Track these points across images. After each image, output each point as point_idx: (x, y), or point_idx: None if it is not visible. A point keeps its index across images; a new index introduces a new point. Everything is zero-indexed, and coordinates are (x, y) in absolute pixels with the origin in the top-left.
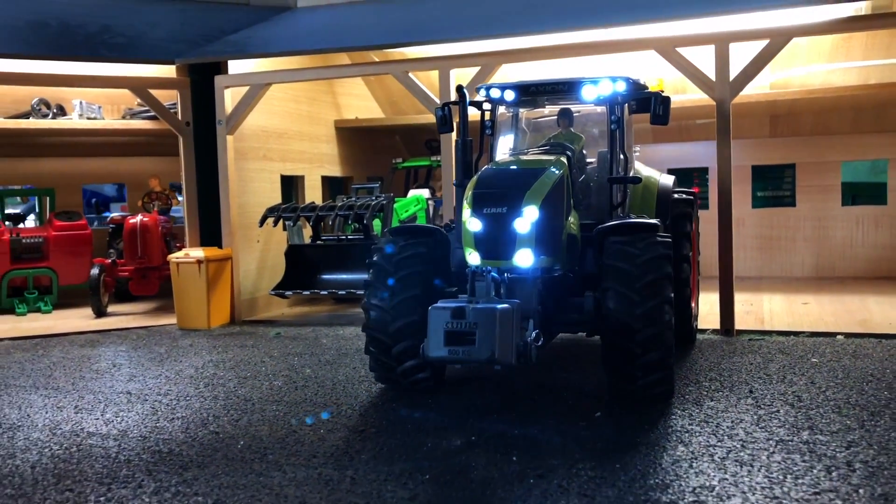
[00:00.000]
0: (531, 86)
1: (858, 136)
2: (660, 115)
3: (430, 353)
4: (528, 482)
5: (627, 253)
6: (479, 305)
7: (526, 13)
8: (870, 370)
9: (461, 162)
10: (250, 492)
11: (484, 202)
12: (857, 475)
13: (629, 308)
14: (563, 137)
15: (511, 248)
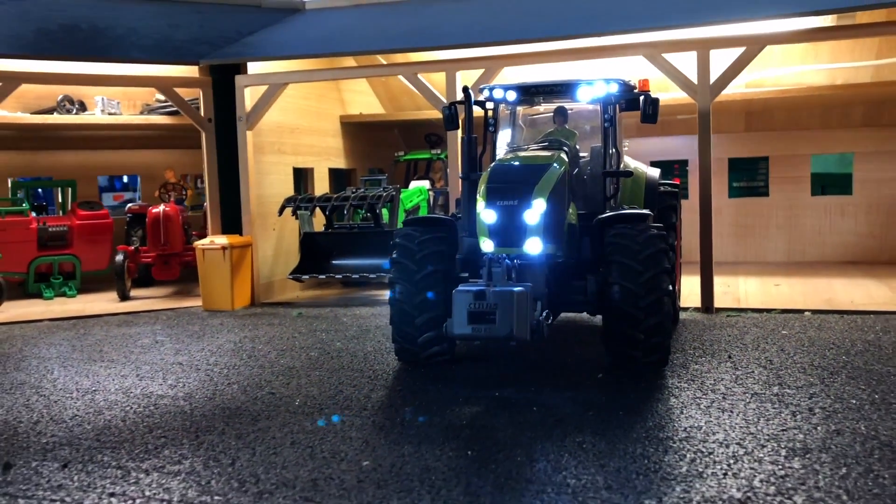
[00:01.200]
0: (531, 87)
1: (827, 131)
2: (649, 114)
3: (455, 330)
4: (548, 427)
5: (631, 249)
6: (498, 288)
7: (525, 21)
8: (831, 340)
9: (466, 157)
10: (318, 435)
11: (497, 196)
12: (816, 417)
13: (634, 300)
14: (558, 134)
15: (522, 237)
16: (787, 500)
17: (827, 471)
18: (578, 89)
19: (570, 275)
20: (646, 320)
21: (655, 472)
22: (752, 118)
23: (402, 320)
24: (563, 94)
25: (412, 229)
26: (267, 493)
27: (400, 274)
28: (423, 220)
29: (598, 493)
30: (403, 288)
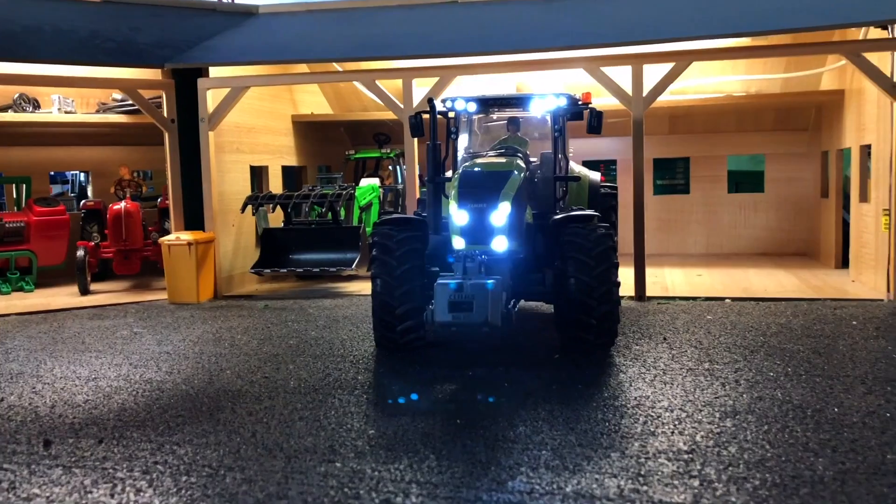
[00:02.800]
0: (490, 99)
1: (742, 134)
2: (594, 125)
3: (437, 318)
4: (520, 399)
5: (584, 247)
6: (474, 281)
7: (477, 33)
8: (750, 323)
9: (432, 161)
10: (321, 410)
11: (468, 199)
12: (741, 387)
13: (588, 290)
14: (512, 141)
15: (490, 235)
16: (724, 450)
17: (753, 428)
18: (532, 102)
19: (528, 268)
20: (598, 308)
21: (616, 433)
22: (675, 122)
23: (383, 311)
24: (517, 105)
25: (389, 229)
26: (294, 458)
27: (381, 269)
28: (397, 221)
29: (573, 449)
30: (384, 282)
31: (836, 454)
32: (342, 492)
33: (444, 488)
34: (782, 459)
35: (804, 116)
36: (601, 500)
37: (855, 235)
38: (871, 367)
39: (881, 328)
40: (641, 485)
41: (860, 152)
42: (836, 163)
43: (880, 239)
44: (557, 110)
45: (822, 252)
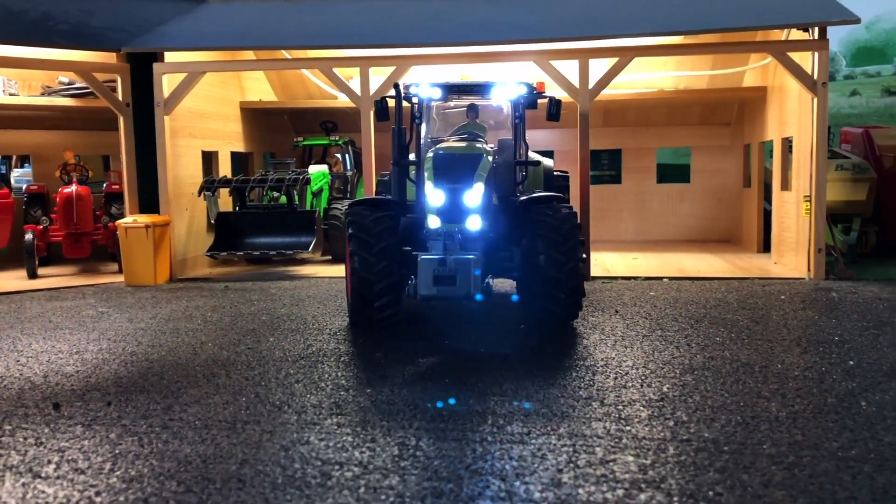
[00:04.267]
0: (454, 86)
1: (670, 127)
2: (553, 113)
3: (422, 291)
4: (499, 363)
5: (553, 225)
6: (456, 256)
7: (431, 25)
8: (690, 298)
9: (397, 145)
10: (315, 375)
11: (443, 179)
12: (694, 350)
13: (558, 266)
14: (471, 127)
15: (464, 215)
16: (689, 398)
17: (710, 381)
18: (493, 90)
19: (497, 247)
20: (567, 282)
21: (591, 387)
22: (609, 115)
23: (362, 287)
24: (480, 93)
25: (362, 209)
26: (303, 412)
27: (358, 247)
28: (369, 202)
29: (558, 400)
30: (363, 259)
31: (785, 399)
32: (359, 437)
33: (452, 432)
34: (741, 404)
35: (728, 111)
36: (592, 438)
37: (777, 221)
38: (804, 332)
39: (806, 301)
40: (624, 426)
41: (782, 144)
42: (757, 155)
43: (801, 223)
44: (519, 98)
45: (744, 238)
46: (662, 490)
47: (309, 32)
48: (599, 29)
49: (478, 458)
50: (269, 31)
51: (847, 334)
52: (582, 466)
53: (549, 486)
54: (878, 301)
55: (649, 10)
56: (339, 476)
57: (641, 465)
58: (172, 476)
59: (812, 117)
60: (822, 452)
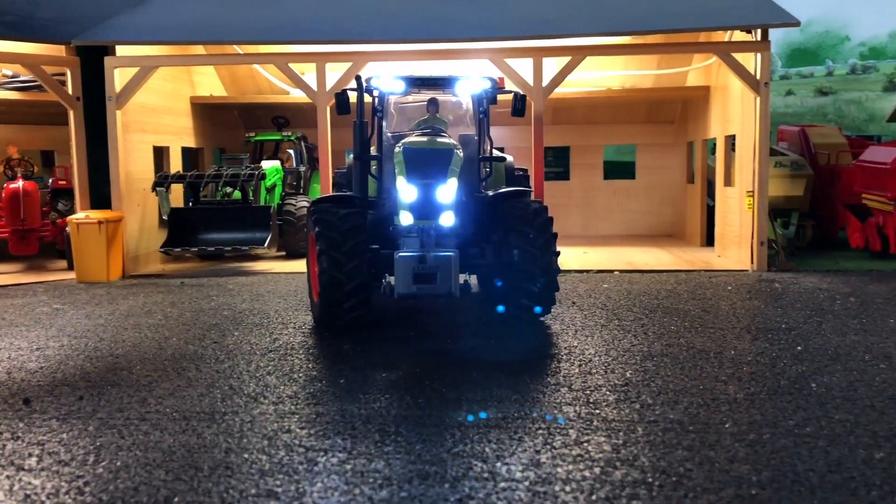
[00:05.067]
0: (418, 79)
1: (616, 125)
2: (519, 109)
3: (400, 290)
4: (465, 352)
5: (526, 220)
6: (437, 253)
7: (388, 22)
8: (642, 290)
9: (359, 139)
10: (286, 367)
11: (416, 175)
12: (651, 338)
13: (532, 260)
14: (433, 122)
15: (438, 211)
16: (652, 383)
17: (670, 367)
18: (458, 84)
19: (467, 243)
20: (541, 277)
21: (559, 374)
22: (558, 113)
23: (332, 287)
24: (444, 86)
25: (329, 206)
26: (280, 403)
27: (327, 246)
28: (334, 198)
29: (528, 386)
30: (332, 258)
31: (741, 382)
32: (339, 425)
33: (430, 418)
34: (700, 388)
35: (672, 110)
36: (565, 421)
37: (720, 216)
38: (752, 321)
39: (752, 292)
40: (594, 409)
41: (725, 142)
42: (700, 152)
43: (744, 218)
44: (483, 92)
45: (687, 233)
46: (636, 467)
47: (264, 27)
48: (553, 28)
49: (457, 441)
50: (224, 25)
51: (793, 322)
52: (558, 447)
53: (529, 466)
54: (818, 291)
55: (600, 10)
56: (325, 462)
57: (614, 445)
58: (159, 465)
59: (755, 116)
60: (779, 430)
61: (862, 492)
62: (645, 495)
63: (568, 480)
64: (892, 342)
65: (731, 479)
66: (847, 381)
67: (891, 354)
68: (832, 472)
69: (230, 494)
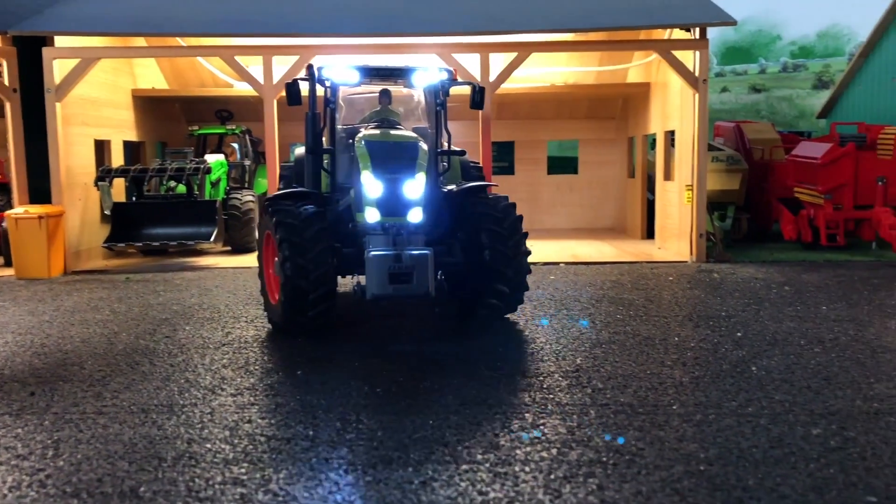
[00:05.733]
0: (373, 69)
1: (559, 121)
2: (478, 101)
3: (375, 291)
4: (417, 343)
5: (496, 218)
6: (413, 252)
7: (336, 15)
8: (587, 281)
9: (311, 132)
10: (241, 360)
11: (382, 169)
12: (598, 326)
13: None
14: (386, 114)
15: (406, 207)
16: (601, 369)
17: (618, 353)
18: (415, 75)
19: (432, 240)
20: (513, 278)
21: (518, 361)
22: (502, 108)
23: (296, 296)
24: (400, 77)
25: (289, 205)
26: (240, 395)
27: (292, 252)
28: (292, 195)
29: (483, 373)
30: (297, 266)
31: (686, 367)
32: (300, 415)
33: (388, 406)
34: (648, 372)
35: (613, 106)
36: (521, 406)
37: (660, 209)
38: (694, 309)
39: (692, 282)
40: (547, 394)
41: (665, 137)
42: (641, 147)
43: (683, 211)
44: (439, 84)
45: (629, 226)
46: (591, 448)
47: (210, 19)
48: (500, 25)
49: (418, 427)
50: (168, 17)
51: (732, 310)
52: (516, 431)
53: (490, 449)
54: (754, 280)
55: (545, 7)
56: (289, 450)
57: (569, 428)
58: (121, 457)
59: (693, 112)
60: (723, 410)
61: (801, 465)
62: (600, 473)
63: (527, 461)
64: (825, 328)
65: (681, 456)
66: (785, 365)
67: (824, 339)
68: (774, 448)
69: (196, 483)
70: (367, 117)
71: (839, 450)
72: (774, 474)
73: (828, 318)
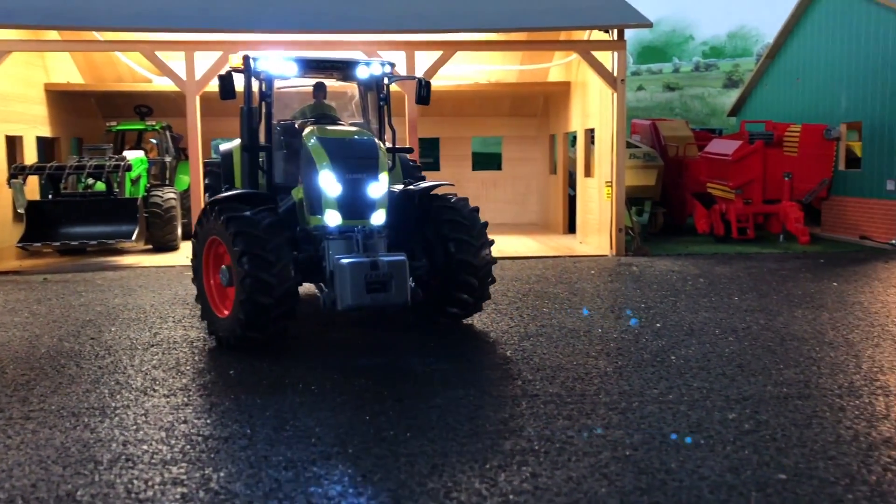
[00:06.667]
0: (313, 61)
1: (483, 118)
2: (424, 96)
3: (351, 301)
4: (361, 341)
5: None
6: (390, 258)
7: (260, 11)
8: (514, 276)
9: (247, 128)
10: (172, 360)
11: (343, 169)
12: (526, 319)
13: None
14: (323, 108)
15: (370, 209)
16: (530, 361)
17: (545, 345)
18: (358, 67)
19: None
20: (478, 288)
21: (451, 356)
22: (427, 106)
23: (256, 313)
24: (342, 70)
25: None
26: (173, 396)
27: (255, 266)
28: (244, 198)
29: (423, 367)
30: (260, 281)
31: (609, 357)
32: (235, 414)
33: (323, 402)
34: (575, 363)
35: (535, 104)
36: (455, 399)
37: (581, 205)
38: (615, 301)
39: (612, 275)
40: (480, 387)
41: (585, 135)
42: (562, 144)
43: (603, 206)
44: (383, 76)
45: (551, 221)
46: (523, 437)
47: (129, 13)
48: (425, 23)
49: (354, 423)
50: (85, 10)
51: (651, 301)
52: (451, 423)
53: (427, 442)
54: (671, 273)
55: (470, 7)
56: (228, 449)
57: (502, 418)
58: (55, 462)
59: (612, 110)
60: (646, 398)
61: (719, 448)
62: (533, 461)
63: (462, 452)
64: (738, 318)
65: (608, 443)
66: (701, 353)
67: (737, 328)
68: (693, 433)
69: (135, 485)
70: (302, 112)
71: (752, 432)
72: (694, 457)
73: (740, 309)
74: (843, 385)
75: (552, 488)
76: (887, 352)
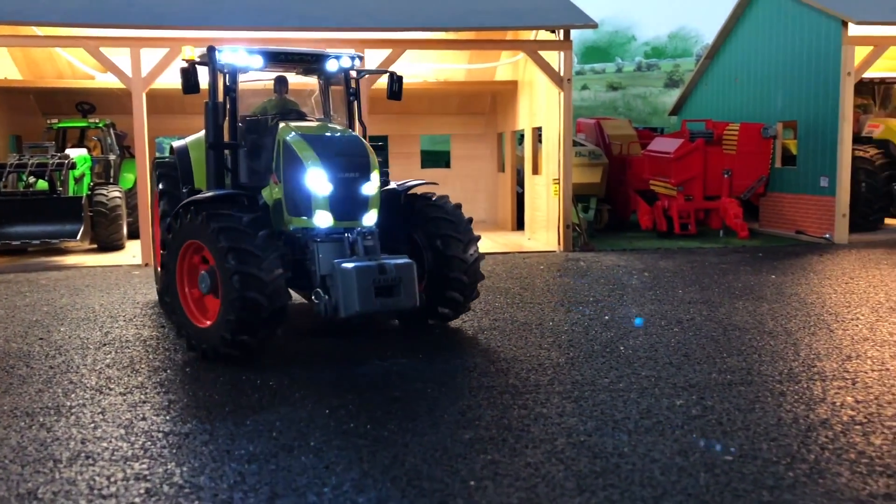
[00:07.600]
0: (281, 54)
1: (432, 116)
2: (396, 91)
3: (357, 307)
4: (318, 337)
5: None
6: (396, 261)
7: (206, 8)
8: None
9: (213, 124)
10: (125, 359)
11: (336, 169)
12: (479, 314)
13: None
14: (287, 104)
15: (362, 209)
16: (485, 353)
17: (499, 339)
18: (327, 61)
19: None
20: (469, 286)
21: (408, 350)
22: (374, 103)
23: (247, 312)
24: (310, 63)
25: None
26: (130, 394)
27: (241, 260)
28: (226, 200)
29: (381, 361)
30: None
31: (561, 349)
32: (194, 410)
33: (281, 398)
34: (528, 355)
35: (483, 102)
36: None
37: (529, 202)
38: (564, 296)
39: (561, 270)
40: (438, 380)
41: (533, 134)
42: (510, 142)
43: (550, 203)
44: (350, 68)
45: (500, 218)
46: (482, 426)
47: (72, 9)
48: (375, 22)
49: (314, 416)
50: (23, 4)
51: (599, 295)
52: (411, 416)
53: (388, 434)
54: (617, 267)
55: (419, 6)
56: (189, 444)
57: (460, 409)
58: (12, 461)
59: (559, 109)
60: (598, 387)
61: (668, 432)
62: (492, 449)
63: (423, 443)
64: (682, 309)
65: (563, 430)
66: (649, 344)
67: (682, 320)
68: (644, 419)
69: (97, 481)
70: (264, 108)
71: (699, 417)
72: (645, 441)
73: (684, 301)
74: (783, 371)
75: (511, 474)
76: (823, 340)
